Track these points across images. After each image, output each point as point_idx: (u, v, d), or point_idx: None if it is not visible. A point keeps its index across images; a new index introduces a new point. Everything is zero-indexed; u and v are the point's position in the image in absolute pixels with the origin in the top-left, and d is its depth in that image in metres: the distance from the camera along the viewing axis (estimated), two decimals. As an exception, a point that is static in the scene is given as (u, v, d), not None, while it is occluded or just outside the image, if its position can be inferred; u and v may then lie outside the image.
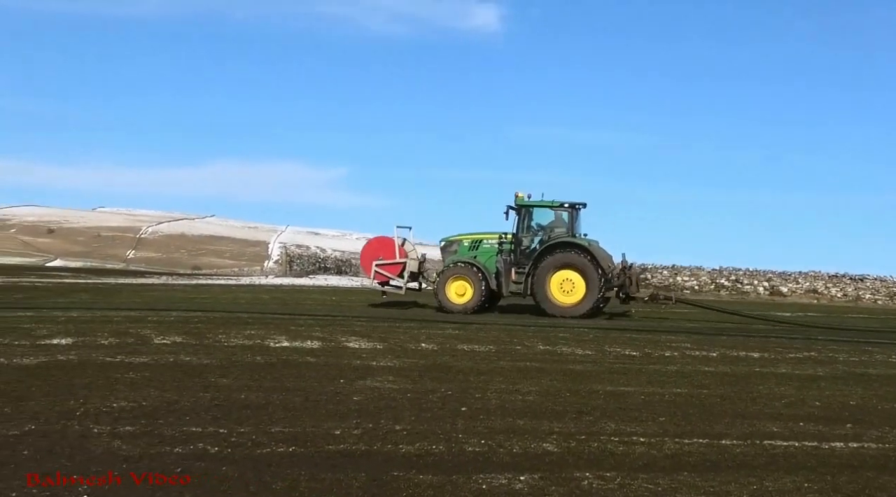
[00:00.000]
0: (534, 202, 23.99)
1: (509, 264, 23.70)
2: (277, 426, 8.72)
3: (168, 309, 21.22)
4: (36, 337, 14.57)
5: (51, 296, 26.59)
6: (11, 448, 7.48)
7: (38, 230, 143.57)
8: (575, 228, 23.91)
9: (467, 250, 24.68)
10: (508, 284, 23.54)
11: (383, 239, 25.55)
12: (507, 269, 23.62)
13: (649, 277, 45.56)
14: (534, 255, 23.33)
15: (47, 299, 24.48)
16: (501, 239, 24.27)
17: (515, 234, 23.95)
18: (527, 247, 23.88)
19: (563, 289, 22.89)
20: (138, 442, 7.88)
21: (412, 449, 8.03)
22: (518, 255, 23.79)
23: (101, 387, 10.43)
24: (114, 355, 12.89)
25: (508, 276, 23.50)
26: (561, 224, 23.95)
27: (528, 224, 24.07)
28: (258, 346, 14.34)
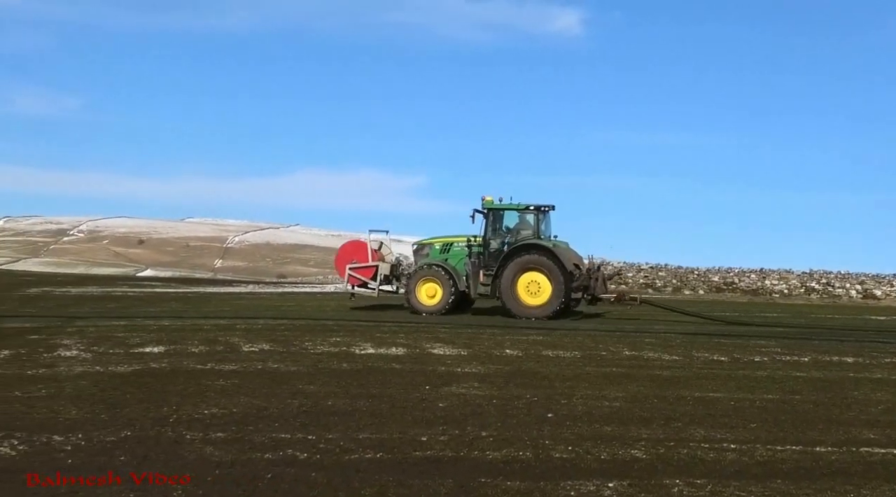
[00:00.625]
0: (500, 205, 24.31)
1: (477, 266, 24.05)
2: (365, 432, 8.79)
3: (255, 317, 21.53)
4: (130, 345, 14.91)
5: (142, 305, 27.17)
6: (109, 453, 7.66)
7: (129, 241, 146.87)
8: (542, 231, 24.22)
9: (438, 253, 25.06)
10: (477, 286, 23.92)
11: (357, 242, 26.10)
12: (475, 271, 23.99)
13: (736, 282, 44.77)
14: (500, 257, 23.65)
15: (139, 308, 25.01)
16: (469, 242, 24.62)
17: (483, 236, 24.25)
18: (495, 249, 24.15)
19: (530, 290, 23.13)
20: (230, 448, 8.00)
21: (499, 455, 8.02)
22: (486, 257, 24.10)
23: (192, 394, 10.63)
24: (204, 363, 13.13)
25: (477, 278, 23.87)
26: (527, 227, 24.28)
27: (495, 227, 24.37)
28: (344, 353, 14.46)
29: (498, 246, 24.13)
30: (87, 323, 19.34)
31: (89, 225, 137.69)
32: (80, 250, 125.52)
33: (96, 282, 45.65)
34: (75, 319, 20.31)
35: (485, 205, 24.12)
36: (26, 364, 12.75)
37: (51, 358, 13.42)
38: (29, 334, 16.53)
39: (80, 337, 16.08)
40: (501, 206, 24.28)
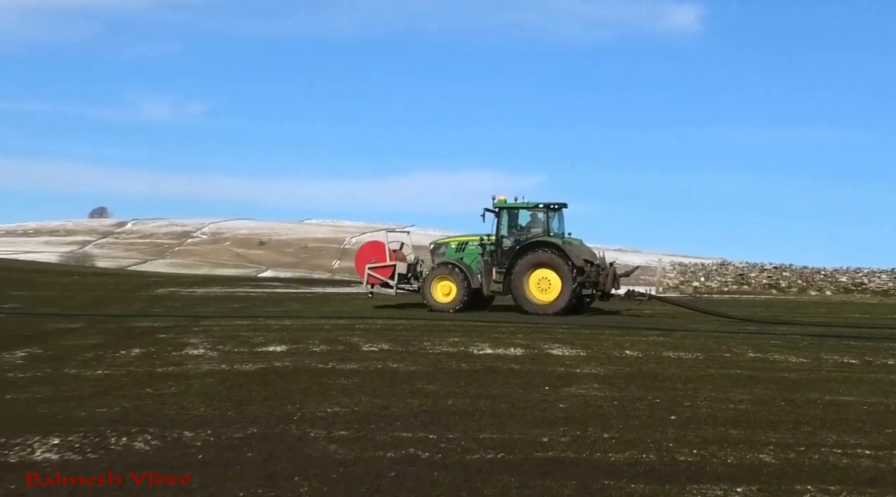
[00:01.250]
0: (510, 204, 24.89)
1: (490, 264, 24.69)
2: (485, 432, 8.79)
3: (374, 317, 21.77)
4: (253, 344, 15.23)
5: (264, 305, 27.75)
6: (236, 450, 7.84)
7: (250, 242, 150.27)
8: (553, 228, 24.75)
9: (454, 252, 25.66)
10: (490, 284, 24.57)
11: (375, 243, 26.93)
12: (487, 269, 24.65)
13: (866, 282, 43.28)
14: (512, 254, 24.18)
15: (261, 308, 25.55)
16: (482, 241, 25.17)
17: (496, 235, 24.85)
18: (507, 247, 24.64)
19: (541, 287, 23.71)
20: (352, 446, 8.10)
21: (622, 457, 7.92)
22: (499, 255, 24.66)
23: (315, 392, 10.80)
24: (325, 362, 13.33)
25: (489, 275, 24.53)
26: (538, 224, 24.80)
27: (506, 225, 24.91)
28: (462, 353, 14.50)
29: (510, 244, 24.64)
30: (212, 322, 19.85)
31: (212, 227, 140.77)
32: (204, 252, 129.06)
33: (219, 282, 46.82)
34: (201, 319, 20.86)
35: (495, 204, 24.76)
36: (156, 362, 13.15)
37: (179, 356, 13.81)
38: (158, 333, 17.05)
39: (206, 336, 16.51)
40: (512, 204, 24.89)
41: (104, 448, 7.74)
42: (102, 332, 17.37)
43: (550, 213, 24.71)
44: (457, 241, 26.15)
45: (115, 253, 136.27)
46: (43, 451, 7.52)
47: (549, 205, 24.75)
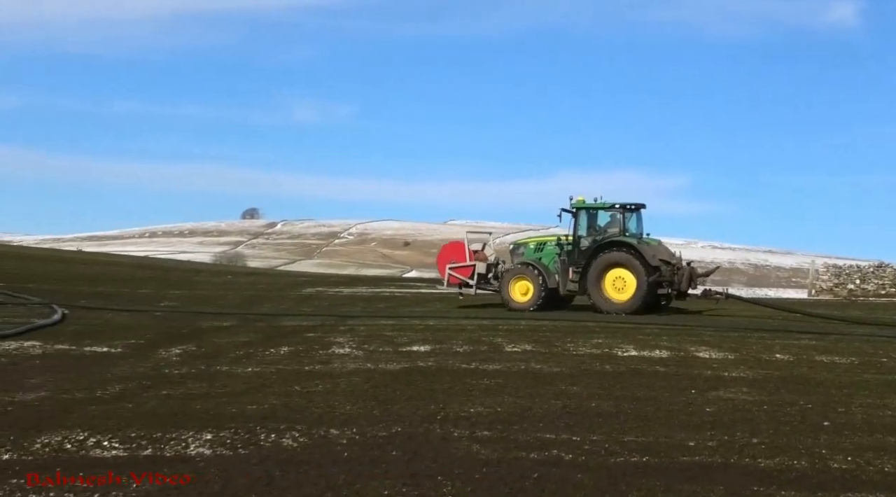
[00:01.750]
0: (587, 204, 25.06)
1: (567, 264, 24.88)
2: (630, 435, 8.67)
3: (517, 318, 21.75)
4: (398, 344, 15.43)
5: (409, 305, 28.07)
6: (381, 448, 7.95)
7: (395, 243, 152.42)
8: (630, 228, 24.81)
9: (533, 252, 25.95)
10: (566, 283, 24.83)
11: (455, 244, 27.17)
12: (564, 269, 24.88)
13: None
14: (587, 254, 24.34)
15: (406, 308, 25.86)
16: (560, 241, 25.49)
17: (573, 235, 25.05)
18: (584, 247, 24.75)
19: (616, 286, 23.84)
20: (496, 447, 8.11)
21: (772, 463, 7.70)
22: (576, 255, 24.77)
23: (458, 392, 10.86)
24: (469, 362, 13.39)
25: (566, 275, 24.78)
26: (615, 224, 24.91)
27: (583, 225, 25.07)
28: (606, 355, 14.36)
29: (587, 244, 24.77)
30: (358, 322, 20.20)
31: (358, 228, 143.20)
32: (350, 252, 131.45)
33: (365, 282, 47.60)
34: (347, 318, 21.25)
35: (572, 204, 25.00)
36: (304, 360, 13.46)
37: (326, 355, 14.10)
38: (306, 332, 17.44)
39: (352, 335, 16.81)
40: (588, 205, 25.07)
41: (254, 444, 7.96)
42: (253, 330, 17.89)
43: (627, 213, 24.86)
44: (535, 241, 26.71)
45: (265, 253, 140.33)
46: (196, 446, 7.78)
47: (626, 205, 24.93)
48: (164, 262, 71.80)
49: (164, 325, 18.56)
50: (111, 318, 20.12)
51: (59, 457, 7.30)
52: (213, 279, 45.65)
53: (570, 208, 24.99)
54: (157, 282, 39.72)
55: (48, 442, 7.71)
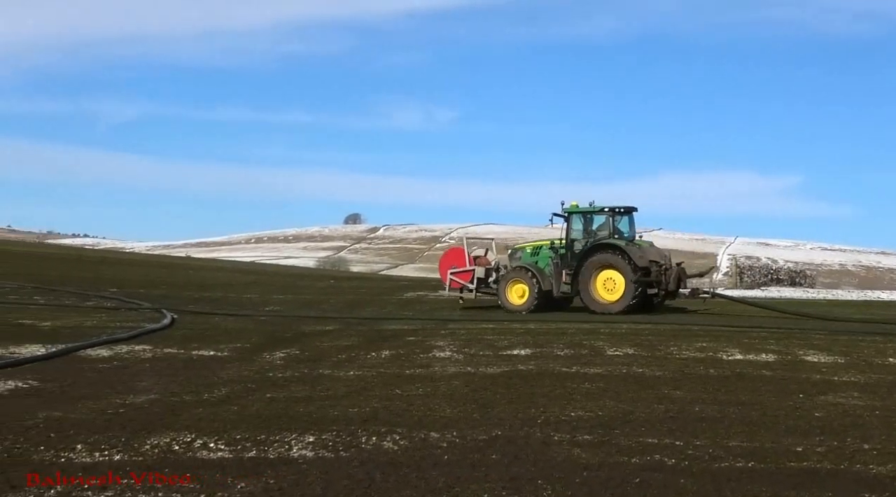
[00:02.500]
0: (578, 209, 26.21)
1: (560, 267, 25.90)
2: (735, 440, 8.50)
3: (619, 321, 21.55)
4: (498, 348, 15.41)
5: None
6: (481, 452, 7.94)
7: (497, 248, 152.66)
8: (622, 231, 25.89)
9: (529, 256, 27.06)
10: (560, 286, 25.75)
11: (456, 250, 28.62)
12: (557, 271, 25.85)
13: None
14: (579, 257, 25.42)
15: (506, 313, 25.81)
16: (553, 244, 26.60)
17: (565, 238, 26.27)
18: (576, 250, 25.89)
19: (607, 287, 24.80)
20: (596, 451, 8.03)
21: (885, 470, 7.45)
22: (568, 258, 25.91)
23: (559, 396, 10.79)
24: (569, 366, 13.30)
25: (559, 278, 25.73)
26: (605, 228, 25.93)
27: (575, 229, 26.29)
28: (710, 359, 14.11)
29: (579, 247, 25.90)
30: (458, 326, 20.25)
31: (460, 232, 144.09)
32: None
33: (466, 286, 47.65)
34: (448, 322, 21.33)
35: (564, 209, 26.18)
36: (405, 364, 13.54)
37: (426, 358, 14.16)
38: (407, 336, 17.56)
39: (452, 339, 16.86)
40: (579, 209, 26.24)
41: (355, 446, 8.03)
42: (355, 334, 18.08)
43: (617, 216, 25.94)
44: (532, 245, 27.74)
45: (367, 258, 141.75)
46: (299, 448, 7.88)
47: (615, 208, 25.95)
48: (268, 268, 73.08)
49: (268, 329, 18.89)
50: (218, 322, 20.56)
51: (167, 458, 7.47)
52: (316, 284, 46.34)
53: (563, 213, 26.23)
54: (262, 287, 40.52)
55: (157, 443, 7.90)
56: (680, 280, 25.66)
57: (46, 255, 69.65)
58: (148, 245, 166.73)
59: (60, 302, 25.37)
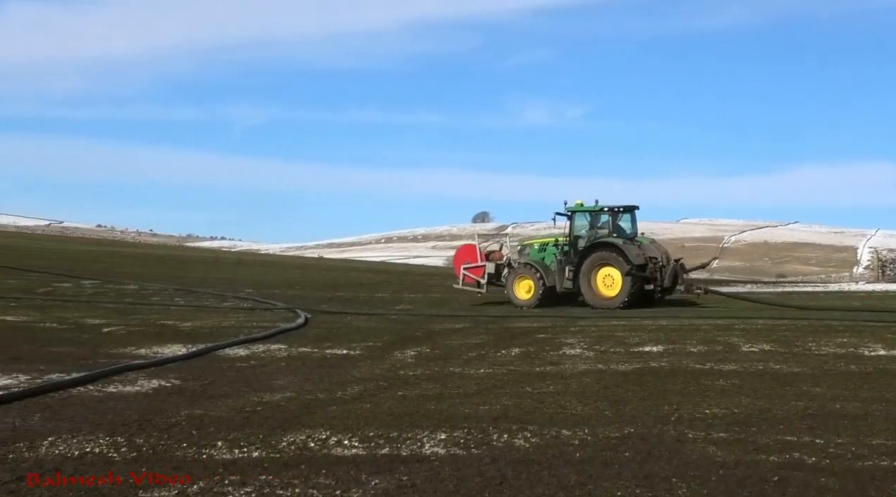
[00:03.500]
0: (579, 208, 27.20)
1: (563, 264, 26.82)
2: (879, 438, 8.20)
3: (753, 317, 21.06)
4: (629, 344, 15.24)
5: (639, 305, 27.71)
6: (614, 449, 7.86)
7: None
8: (623, 229, 26.93)
9: (537, 253, 28.05)
10: (563, 282, 26.63)
11: (469, 246, 29.88)
12: (560, 268, 26.81)
13: None
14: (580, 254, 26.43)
15: (636, 309, 25.51)
16: (557, 242, 27.66)
17: (568, 236, 27.32)
18: (578, 247, 26.84)
19: (606, 283, 25.79)
20: (732, 449, 7.86)
21: None
22: (571, 255, 26.84)
23: (692, 393, 10.61)
24: (703, 362, 13.06)
25: (563, 274, 26.66)
26: (604, 226, 26.97)
27: (578, 227, 27.33)
28: (851, 355, 13.66)
29: (582, 244, 26.86)
30: (588, 323, 20.10)
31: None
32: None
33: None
34: (578, 319, 21.19)
35: (567, 208, 27.25)
36: (535, 361, 13.51)
37: (556, 356, 14.10)
38: (536, 333, 17.52)
39: (582, 336, 16.74)
40: (581, 208, 27.24)
41: (487, 444, 8.05)
42: (485, 332, 18.13)
43: (618, 214, 26.99)
44: (539, 242, 28.89)
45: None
46: (431, 446, 7.95)
47: (614, 207, 26.99)
48: (398, 267, 73.90)
49: (399, 327, 19.10)
50: (350, 321, 20.89)
51: (303, 454, 7.63)
52: (445, 282, 46.61)
53: (566, 212, 27.41)
54: (393, 286, 41.02)
55: (293, 440, 8.08)
56: (676, 276, 26.57)
57: (186, 257, 71.95)
58: (282, 247, 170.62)
59: (200, 303, 26.19)
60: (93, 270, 42.47)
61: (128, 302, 25.14)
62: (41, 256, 53.89)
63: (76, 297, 26.41)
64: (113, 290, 30.83)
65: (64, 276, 37.08)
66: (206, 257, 75.52)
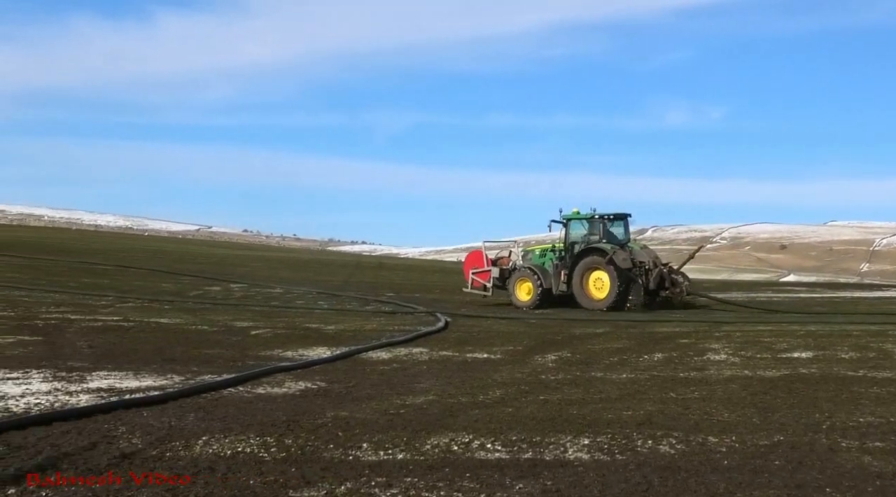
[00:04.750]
0: (574, 215, 29.19)
1: (559, 268, 28.58)
2: None
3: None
4: (776, 350, 14.85)
5: (785, 309, 26.96)
6: (763, 457, 7.67)
7: (770, 246, 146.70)
8: (616, 235, 28.80)
9: (538, 257, 29.91)
10: (559, 285, 28.36)
11: (477, 252, 31.52)
12: (556, 272, 28.57)
13: None
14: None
15: (782, 314, 24.84)
16: (554, 247, 29.47)
17: (564, 242, 29.22)
18: (574, 253, 28.41)
19: (597, 286, 27.44)
20: (890, 459, 7.57)
21: None
22: (567, 260, 28.58)
23: (845, 401, 10.26)
24: (855, 369, 12.63)
25: (558, 278, 28.41)
26: (597, 232, 28.58)
27: (573, 234, 29.14)
28: None
29: (577, 250, 28.43)
30: (733, 328, 19.68)
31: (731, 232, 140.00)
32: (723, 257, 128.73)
33: (739, 287, 46.22)
34: (722, 324, 20.75)
35: (562, 216, 29.27)
36: (679, 367, 13.29)
37: (701, 361, 13.84)
38: (679, 338, 17.24)
39: (727, 341, 16.40)
40: (575, 216, 29.18)
41: (631, 449, 7.95)
42: (626, 336, 17.93)
43: (609, 222, 28.84)
44: (540, 248, 30.72)
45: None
46: (574, 451, 7.90)
47: (605, 215, 28.83)
48: (537, 271, 73.77)
49: (539, 331, 19.07)
50: (490, 325, 20.97)
51: (446, 458, 7.68)
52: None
53: (561, 219, 29.39)
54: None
55: (437, 443, 8.14)
56: (662, 280, 27.97)
57: (328, 261, 73.49)
58: (421, 251, 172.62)
59: (342, 306, 26.69)
60: (240, 274, 43.81)
61: (273, 305, 25.80)
62: (192, 261, 55.89)
63: (225, 301, 27.27)
64: (259, 293, 31.71)
65: (213, 279, 38.35)
66: (347, 261, 76.96)
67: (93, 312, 19.58)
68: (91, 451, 7.34)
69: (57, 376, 10.96)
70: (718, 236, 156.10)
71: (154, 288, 30.81)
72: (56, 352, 13.09)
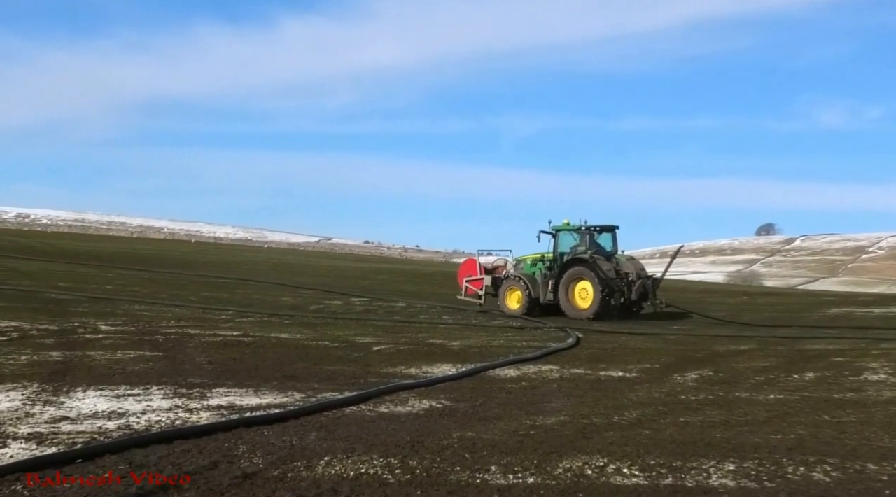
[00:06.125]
0: (562, 227, 30.64)
1: (547, 278, 30.16)
2: None
3: None
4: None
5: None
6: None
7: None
8: (603, 246, 30.21)
9: (529, 267, 31.46)
10: (546, 294, 29.92)
11: (471, 261, 34.01)
12: (545, 282, 30.17)
13: None
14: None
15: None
16: (542, 258, 30.97)
17: (553, 253, 30.73)
18: (561, 263, 29.95)
19: (581, 296, 28.93)
20: None
21: None
22: (554, 270, 30.13)
23: None
24: None
25: (546, 287, 30.02)
26: (583, 244, 30.03)
27: (561, 245, 30.59)
28: None
29: (564, 260, 29.91)
30: (893, 345, 19.00)
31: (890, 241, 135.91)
32: (881, 268, 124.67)
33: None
34: (880, 341, 20.07)
35: (552, 227, 30.71)
36: (832, 387, 12.91)
37: (857, 382, 13.41)
38: (833, 357, 16.75)
39: (886, 360, 15.87)
40: (563, 227, 30.63)
41: (781, 476, 7.75)
42: (773, 354, 17.50)
43: (596, 233, 30.43)
44: (531, 258, 31.75)
45: (782, 271, 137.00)
46: (718, 477, 7.74)
47: (592, 227, 30.46)
48: (676, 283, 72.71)
49: (678, 348, 18.77)
50: (625, 341, 20.74)
51: (580, 483, 7.61)
52: (727, 300, 45.42)
53: (550, 230, 30.69)
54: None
55: (569, 466, 8.08)
56: (646, 290, 29.52)
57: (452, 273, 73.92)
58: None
59: (468, 321, 26.78)
60: (361, 287, 44.40)
61: (396, 320, 26.03)
62: (312, 273, 56.91)
63: (346, 315, 27.65)
64: (381, 307, 32.07)
65: (334, 293, 38.96)
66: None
67: (213, 327, 20.10)
68: (212, 471, 7.52)
69: (177, 393, 11.27)
70: (875, 245, 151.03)
71: (274, 302, 31.45)
72: (176, 367, 13.47)
